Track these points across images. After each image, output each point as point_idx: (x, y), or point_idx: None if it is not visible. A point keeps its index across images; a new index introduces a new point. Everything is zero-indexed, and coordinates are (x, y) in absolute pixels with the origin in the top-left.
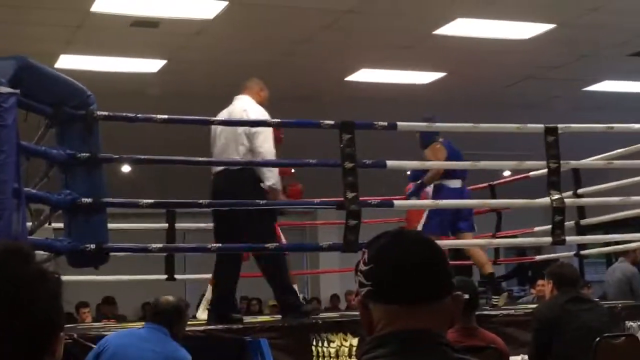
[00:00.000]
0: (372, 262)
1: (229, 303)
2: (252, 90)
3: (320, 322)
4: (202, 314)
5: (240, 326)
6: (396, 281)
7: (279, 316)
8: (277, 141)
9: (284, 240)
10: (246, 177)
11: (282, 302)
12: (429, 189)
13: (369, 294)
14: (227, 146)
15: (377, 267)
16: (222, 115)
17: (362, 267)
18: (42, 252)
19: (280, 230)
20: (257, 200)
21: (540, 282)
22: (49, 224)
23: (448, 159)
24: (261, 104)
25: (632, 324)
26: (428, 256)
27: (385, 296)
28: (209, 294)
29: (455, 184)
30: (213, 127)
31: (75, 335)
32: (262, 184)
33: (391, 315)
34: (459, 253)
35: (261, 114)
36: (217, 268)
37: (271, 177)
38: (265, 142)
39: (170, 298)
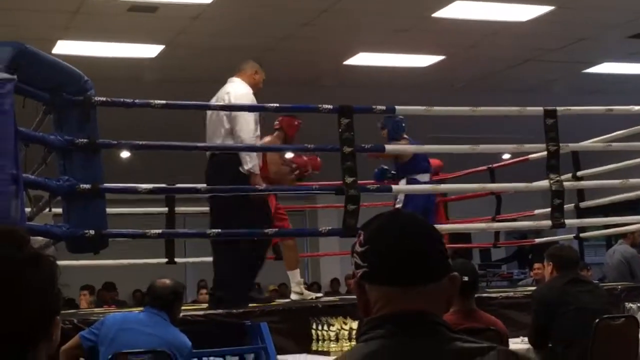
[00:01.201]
0: (368, 244)
1: (231, 288)
2: (245, 73)
3: (320, 305)
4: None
5: (240, 310)
6: (392, 263)
7: (280, 300)
8: (294, 129)
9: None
10: (229, 161)
11: (217, 295)
12: (402, 182)
13: (365, 276)
14: (214, 129)
15: (373, 248)
16: (214, 97)
17: (358, 248)
18: (41, 238)
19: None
20: (257, 186)
21: (537, 265)
22: (49, 210)
23: (414, 155)
24: (254, 86)
25: (631, 305)
26: (424, 237)
27: (382, 278)
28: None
29: (425, 178)
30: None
31: (75, 321)
32: (240, 168)
33: (387, 296)
34: (457, 237)
35: (244, 98)
36: (219, 253)
37: (249, 161)
38: (245, 126)
39: (167, 281)
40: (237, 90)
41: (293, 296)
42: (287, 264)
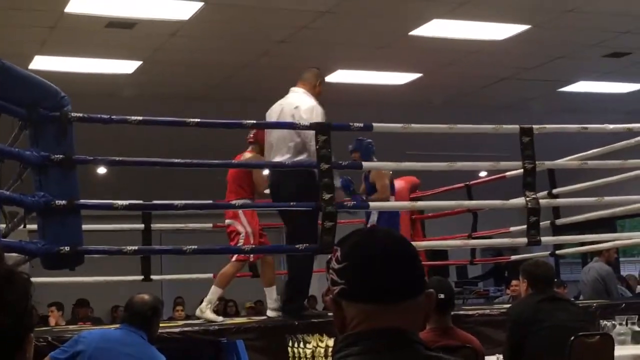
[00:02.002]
0: (345, 260)
1: (302, 299)
2: (309, 83)
3: (296, 323)
4: (209, 314)
5: (216, 327)
6: (368, 279)
7: (256, 317)
8: (262, 142)
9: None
10: (294, 172)
11: (286, 305)
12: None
13: (342, 292)
14: (278, 142)
15: (349, 265)
16: (275, 108)
17: (335, 265)
18: (16, 254)
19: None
20: (236, 201)
21: (514, 282)
22: (24, 226)
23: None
24: (317, 96)
25: (606, 322)
26: (400, 254)
27: (358, 294)
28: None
29: (392, 199)
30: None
31: (49, 338)
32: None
33: (364, 313)
34: (434, 254)
35: (313, 111)
36: (293, 265)
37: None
38: (312, 140)
39: (146, 297)
40: (305, 103)
41: (270, 313)
42: (265, 281)
